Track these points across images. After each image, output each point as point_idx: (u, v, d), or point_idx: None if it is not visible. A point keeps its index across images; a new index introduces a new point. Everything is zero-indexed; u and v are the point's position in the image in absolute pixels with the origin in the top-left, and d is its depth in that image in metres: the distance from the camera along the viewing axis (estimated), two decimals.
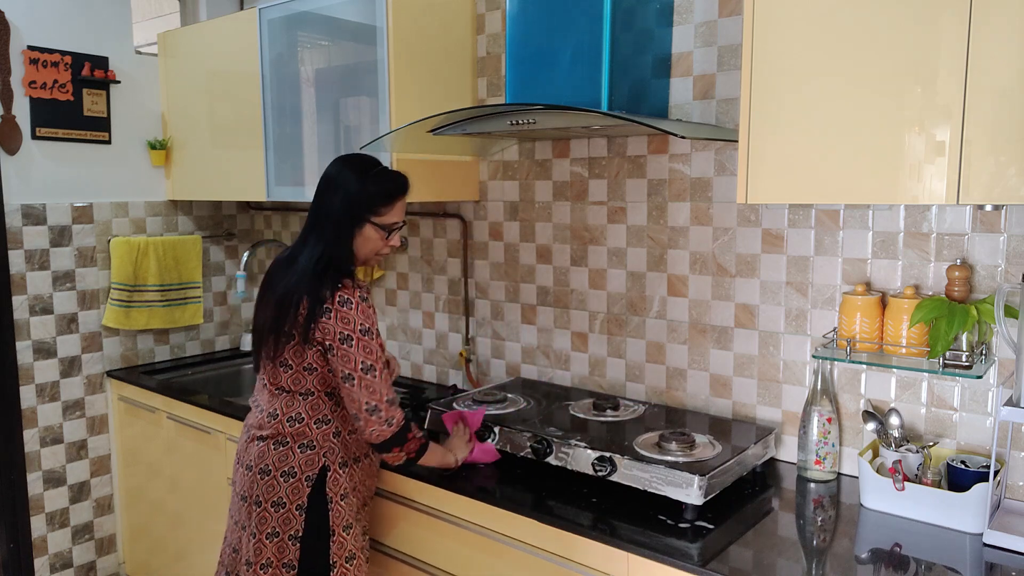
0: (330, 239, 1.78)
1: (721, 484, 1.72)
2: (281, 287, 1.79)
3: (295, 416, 1.81)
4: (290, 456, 1.80)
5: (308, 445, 1.80)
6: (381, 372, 1.75)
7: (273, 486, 1.80)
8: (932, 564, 1.53)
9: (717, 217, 2.11)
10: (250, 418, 1.92)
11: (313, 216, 1.83)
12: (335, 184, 1.81)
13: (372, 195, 1.80)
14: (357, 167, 1.82)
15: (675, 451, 1.78)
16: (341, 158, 1.88)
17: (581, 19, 1.92)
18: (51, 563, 2.98)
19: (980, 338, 1.72)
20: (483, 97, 2.57)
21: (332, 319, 1.72)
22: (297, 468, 1.79)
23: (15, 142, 2.77)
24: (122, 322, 3.03)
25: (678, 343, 2.22)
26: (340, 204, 1.79)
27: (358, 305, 1.74)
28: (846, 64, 1.51)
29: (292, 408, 1.81)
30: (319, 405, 1.81)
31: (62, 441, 2.97)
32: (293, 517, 1.79)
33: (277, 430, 1.81)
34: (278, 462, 1.80)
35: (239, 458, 1.91)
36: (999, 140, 1.37)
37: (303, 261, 1.78)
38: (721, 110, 2.07)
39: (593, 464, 1.80)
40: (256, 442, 1.84)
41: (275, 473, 1.80)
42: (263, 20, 2.65)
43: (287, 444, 1.80)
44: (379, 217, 1.82)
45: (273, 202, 3.38)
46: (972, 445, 1.79)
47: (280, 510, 1.79)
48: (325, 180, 1.83)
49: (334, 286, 1.74)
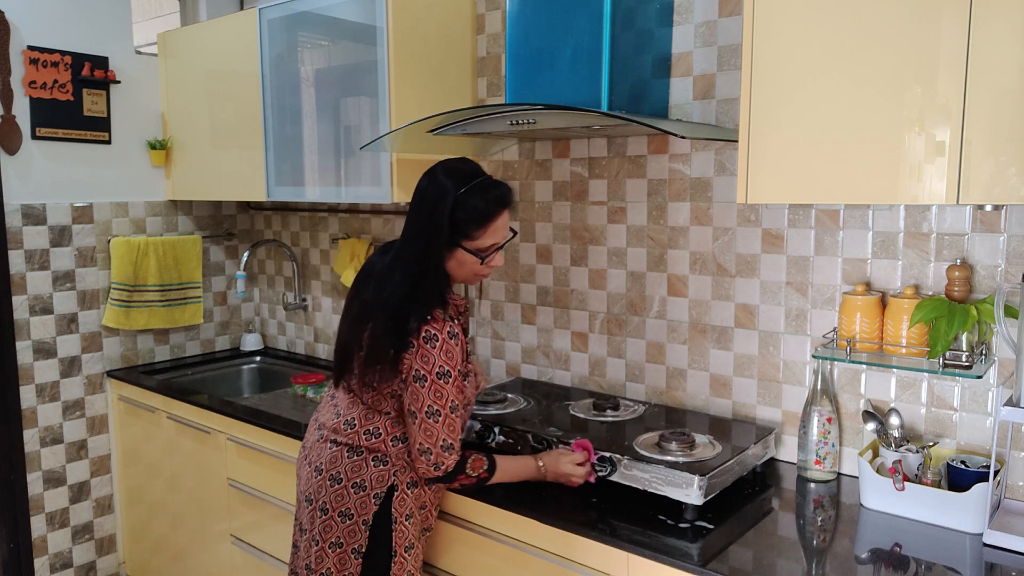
0: (421, 261, 1.65)
1: (721, 484, 1.72)
2: (369, 308, 1.70)
3: (372, 430, 1.74)
4: (363, 468, 1.72)
5: (382, 460, 1.73)
6: (447, 417, 1.65)
7: (343, 496, 1.72)
8: (932, 564, 1.53)
9: (717, 217, 2.11)
10: (324, 414, 1.83)
11: (406, 230, 1.71)
12: (427, 198, 1.66)
13: (461, 220, 1.64)
14: (454, 178, 1.65)
15: (675, 451, 1.78)
16: (439, 166, 1.69)
17: (581, 19, 1.92)
18: (51, 563, 2.98)
19: (980, 338, 1.72)
20: (483, 97, 2.57)
21: (414, 355, 1.63)
22: (368, 482, 1.72)
23: (15, 142, 2.77)
24: (122, 322, 3.03)
25: (678, 343, 2.22)
26: (429, 224, 1.64)
27: (443, 345, 1.62)
28: (846, 64, 1.51)
29: (371, 422, 1.74)
30: (398, 424, 1.74)
31: (62, 441, 2.97)
32: (359, 531, 1.71)
33: (353, 440, 1.74)
34: (350, 472, 1.72)
35: (306, 454, 1.83)
36: (999, 140, 1.37)
37: (393, 283, 1.67)
38: (721, 110, 2.07)
39: (593, 464, 1.80)
40: (330, 444, 1.76)
41: (346, 483, 1.72)
42: (263, 20, 2.65)
43: (362, 454, 1.73)
44: (471, 242, 1.67)
45: (273, 202, 3.38)
46: (972, 445, 1.79)
47: (347, 521, 1.72)
48: (419, 192, 1.69)
49: (422, 318, 1.63)
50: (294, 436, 2.30)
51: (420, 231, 1.66)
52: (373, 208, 2.98)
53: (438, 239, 1.64)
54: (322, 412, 1.87)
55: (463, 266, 1.70)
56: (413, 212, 1.70)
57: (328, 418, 1.82)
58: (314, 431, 1.85)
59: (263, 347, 3.47)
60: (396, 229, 2.91)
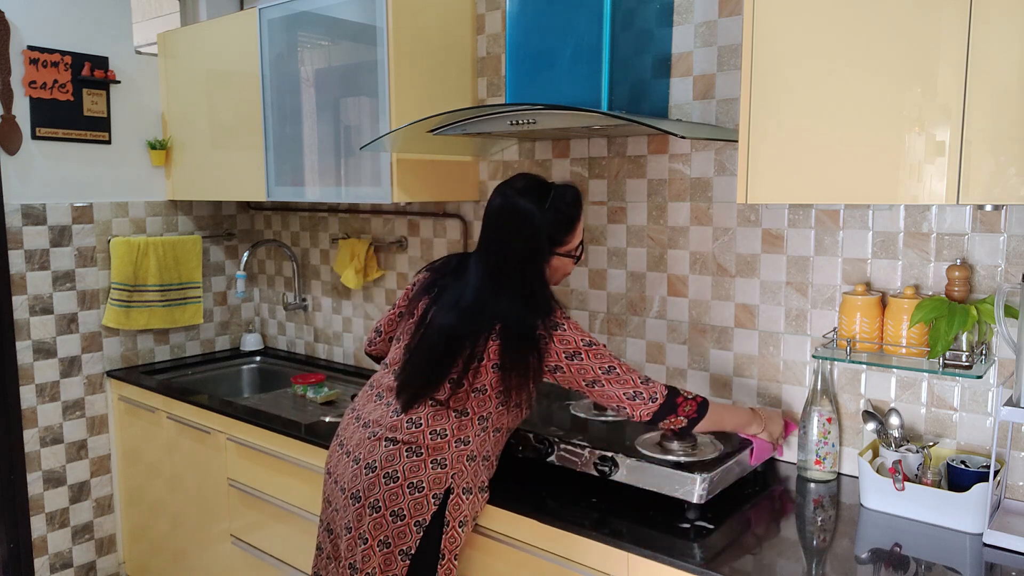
0: (525, 279, 1.72)
1: (723, 483, 1.72)
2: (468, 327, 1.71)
3: (439, 431, 1.72)
4: (421, 468, 1.70)
5: (440, 463, 1.70)
6: (621, 366, 1.69)
7: (397, 495, 1.69)
8: (932, 564, 1.53)
9: (717, 217, 2.11)
10: (375, 412, 1.80)
11: (495, 252, 1.75)
12: (513, 221, 1.73)
13: (554, 232, 1.75)
14: (532, 197, 1.74)
15: (677, 451, 1.78)
16: (509, 190, 1.76)
17: (581, 19, 1.92)
18: (51, 563, 2.98)
19: (980, 338, 1.72)
20: (483, 97, 2.57)
21: (552, 348, 1.68)
22: (426, 483, 1.69)
23: (15, 142, 2.77)
24: (122, 322, 3.03)
25: (678, 343, 2.22)
26: (524, 246, 1.72)
27: (570, 326, 1.70)
28: (846, 64, 1.51)
29: (439, 423, 1.72)
30: (467, 426, 1.73)
31: (62, 441, 2.97)
32: (410, 532, 1.68)
33: (416, 439, 1.72)
34: (408, 472, 1.69)
35: (350, 451, 1.79)
36: (999, 140, 1.37)
37: (501, 307, 1.71)
38: (721, 110, 2.07)
39: (595, 464, 1.80)
40: (385, 443, 1.73)
41: (402, 482, 1.69)
42: (263, 20, 2.65)
43: (421, 455, 1.70)
44: (564, 247, 1.79)
45: (273, 202, 3.38)
46: (972, 445, 1.79)
47: (398, 521, 1.69)
48: (500, 216, 1.75)
49: (547, 322, 1.69)
50: (294, 436, 2.30)
51: (515, 252, 1.73)
52: (373, 208, 2.98)
53: (539, 256, 1.74)
54: (367, 409, 1.83)
55: (557, 271, 1.83)
56: (498, 235, 1.76)
57: (380, 416, 1.78)
58: (358, 429, 1.81)
59: (263, 347, 3.47)
60: (396, 229, 2.92)
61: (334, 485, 1.83)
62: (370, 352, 2.16)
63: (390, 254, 2.95)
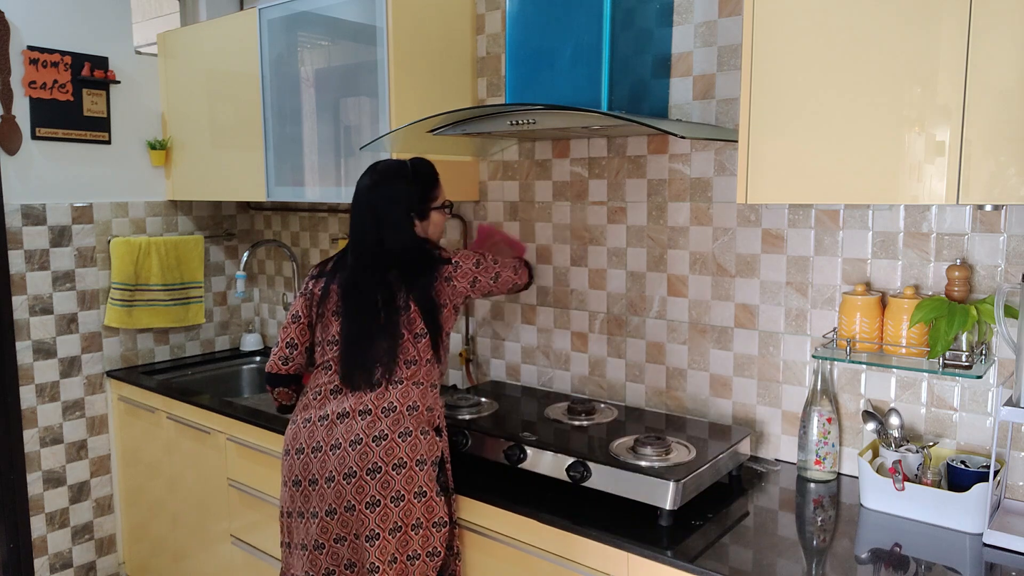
0: (411, 241, 1.90)
1: (697, 487, 1.72)
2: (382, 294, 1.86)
3: (402, 381, 1.84)
4: (402, 420, 1.83)
5: (416, 408, 1.85)
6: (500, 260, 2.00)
7: (392, 449, 1.79)
8: (932, 564, 1.53)
9: (717, 217, 2.11)
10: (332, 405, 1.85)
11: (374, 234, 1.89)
12: (385, 196, 1.90)
13: (424, 189, 1.94)
14: (391, 175, 1.93)
15: (650, 455, 1.77)
16: (372, 176, 1.93)
17: (581, 19, 1.92)
18: (51, 563, 2.98)
19: (980, 338, 1.72)
20: (483, 97, 2.57)
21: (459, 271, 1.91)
22: (413, 429, 1.82)
23: (15, 142, 2.77)
24: (124, 321, 3.03)
25: (678, 343, 2.22)
26: (401, 210, 1.90)
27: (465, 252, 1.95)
28: (846, 64, 1.51)
29: (398, 376, 1.84)
30: (418, 371, 1.87)
31: (62, 441, 2.97)
32: (416, 474, 1.79)
33: (386, 400, 1.82)
34: (393, 425, 1.81)
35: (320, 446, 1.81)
36: (999, 140, 1.37)
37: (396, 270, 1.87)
38: (721, 110, 2.07)
39: (567, 470, 1.80)
40: (360, 416, 1.81)
41: (392, 437, 1.79)
42: (263, 20, 2.65)
43: (396, 409, 1.83)
44: (437, 200, 1.98)
45: (273, 202, 3.38)
46: (972, 445, 1.79)
47: (423, 468, 1.80)
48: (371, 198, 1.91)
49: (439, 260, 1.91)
50: None
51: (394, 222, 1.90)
52: None
53: (411, 216, 1.92)
54: (324, 410, 1.84)
55: (437, 225, 2.00)
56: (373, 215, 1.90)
57: (339, 404, 1.84)
58: (322, 426, 1.82)
59: (263, 347, 3.47)
60: None
61: (308, 489, 1.82)
62: (287, 371, 2.02)
63: None
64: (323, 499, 1.79)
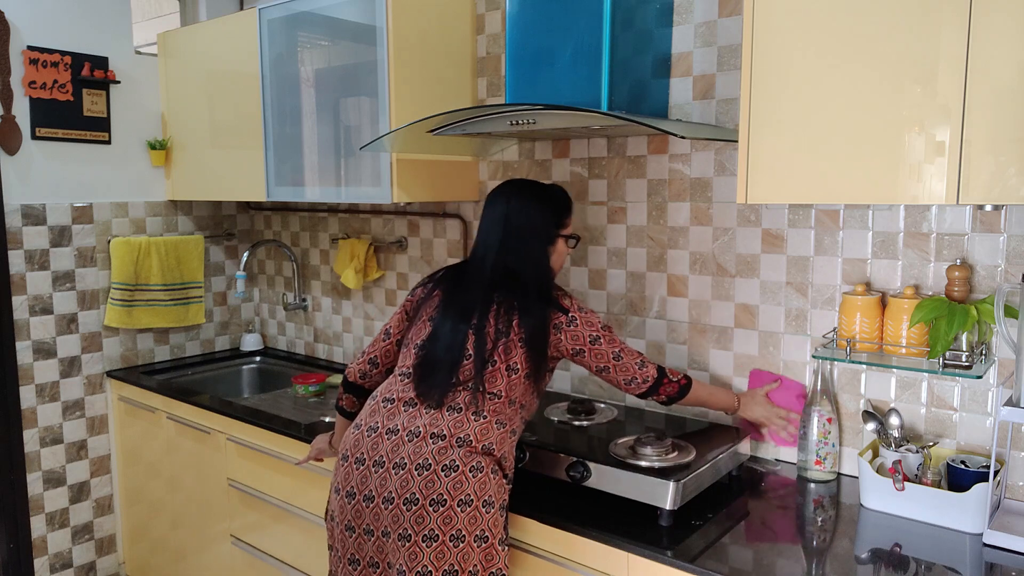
0: (533, 264, 1.82)
1: (696, 487, 1.72)
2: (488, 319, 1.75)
3: (480, 412, 1.72)
4: (473, 454, 1.69)
5: (488, 449, 1.70)
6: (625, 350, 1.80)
7: (461, 483, 1.65)
8: (932, 564, 1.53)
9: (717, 217, 2.11)
10: (401, 419, 1.72)
11: (499, 243, 1.81)
12: (520, 210, 1.83)
13: (556, 213, 1.87)
14: (530, 191, 1.87)
15: (650, 455, 1.77)
16: (511, 188, 1.87)
17: (581, 19, 1.92)
18: (51, 563, 2.98)
19: (980, 338, 1.72)
20: (483, 97, 2.57)
21: (576, 328, 1.78)
22: (484, 465, 1.69)
23: (15, 142, 2.77)
24: (124, 321, 3.03)
25: (678, 343, 2.22)
26: (534, 227, 1.83)
27: (588, 313, 1.80)
28: (846, 64, 1.51)
29: (476, 407, 1.72)
30: (502, 408, 1.74)
31: (62, 441, 2.97)
32: (480, 515, 1.64)
33: (461, 429, 1.69)
34: (465, 458, 1.68)
35: (382, 461, 1.68)
36: (999, 140, 1.37)
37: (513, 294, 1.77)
38: (721, 110, 2.07)
39: (566, 470, 1.80)
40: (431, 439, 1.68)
41: (463, 469, 1.67)
42: (263, 20, 2.65)
43: (471, 443, 1.69)
44: (566, 228, 1.90)
45: (273, 202, 3.38)
46: (972, 445, 1.79)
47: (468, 508, 1.64)
48: (507, 210, 1.83)
49: (557, 305, 1.78)
50: (294, 436, 2.30)
51: (524, 237, 1.82)
52: (373, 208, 2.98)
53: (542, 238, 1.85)
54: (392, 422, 1.73)
55: (560, 256, 1.91)
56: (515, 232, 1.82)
57: (410, 420, 1.72)
58: (385, 439, 1.71)
59: (263, 347, 3.47)
60: (396, 229, 2.92)
61: (362, 505, 1.68)
62: (362, 384, 1.98)
63: (390, 254, 2.95)
64: (377, 519, 1.66)
